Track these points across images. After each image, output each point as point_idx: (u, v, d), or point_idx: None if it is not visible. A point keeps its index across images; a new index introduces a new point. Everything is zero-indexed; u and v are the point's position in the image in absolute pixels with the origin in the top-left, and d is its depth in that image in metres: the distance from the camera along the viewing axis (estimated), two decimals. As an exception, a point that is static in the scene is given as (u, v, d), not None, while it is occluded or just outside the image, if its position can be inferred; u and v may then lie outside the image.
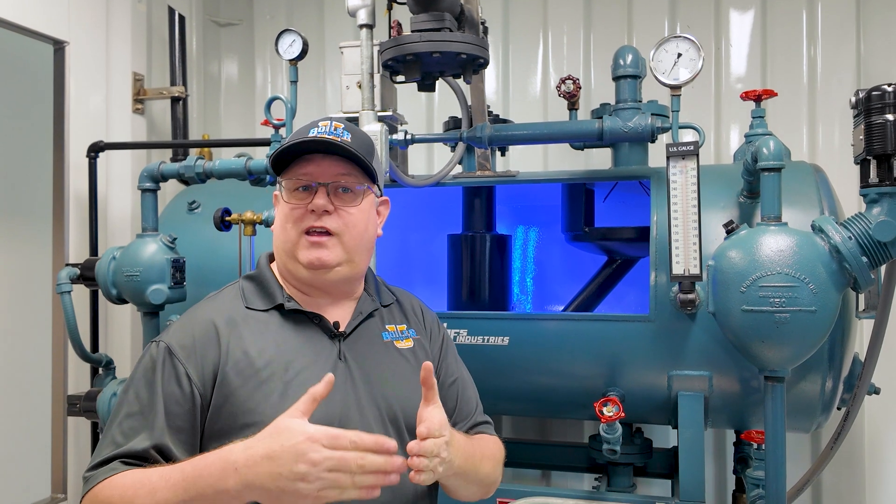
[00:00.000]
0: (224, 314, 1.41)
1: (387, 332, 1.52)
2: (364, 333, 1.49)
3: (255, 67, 3.75)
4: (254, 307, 1.43)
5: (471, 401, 1.61)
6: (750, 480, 2.09)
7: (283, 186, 1.44)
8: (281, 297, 1.44)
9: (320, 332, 1.44)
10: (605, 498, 2.15)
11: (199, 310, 1.44)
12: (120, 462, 1.26)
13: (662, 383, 2.14)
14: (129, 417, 1.31)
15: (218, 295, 1.49)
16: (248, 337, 1.38)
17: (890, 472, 2.85)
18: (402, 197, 2.97)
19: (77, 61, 2.86)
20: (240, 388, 1.32)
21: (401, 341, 1.53)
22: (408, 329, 1.56)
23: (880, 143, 1.65)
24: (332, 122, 1.44)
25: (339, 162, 1.42)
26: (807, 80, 2.98)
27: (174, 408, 1.30)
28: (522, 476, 3.12)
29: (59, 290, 2.46)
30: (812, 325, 1.70)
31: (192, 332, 1.38)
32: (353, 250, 1.43)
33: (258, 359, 1.35)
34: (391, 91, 2.26)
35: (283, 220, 1.43)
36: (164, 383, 1.31)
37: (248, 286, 1.48)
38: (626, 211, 2.81)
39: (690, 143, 1.96)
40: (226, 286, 1.51)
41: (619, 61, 2.36)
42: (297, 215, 1.41)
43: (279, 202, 1.47)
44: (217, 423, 1.32)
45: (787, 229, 1.75)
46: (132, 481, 1.22)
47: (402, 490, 1.35)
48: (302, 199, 1.41)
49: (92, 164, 2.81)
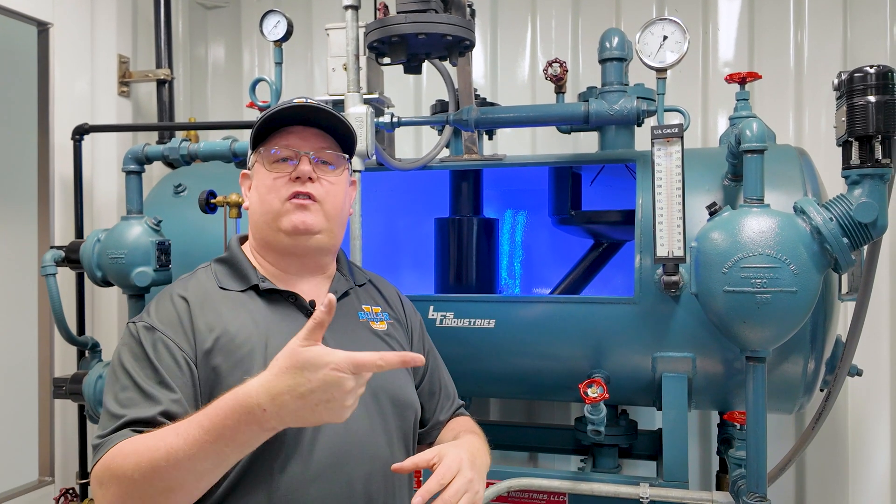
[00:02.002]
0: (199, 292, 1.41)
1: (363, 311, 1.53)
2: (340, 312, 1.45)
3: (241, 50, 3.72)
4: (228, 288, 1.43)
5: (449, 386, 1.65)
6: (732, 460, 2.11)
7: (263, 157, 1.44)
8: (255, 278, 1.44)
9: (296, 311, 1.44)
10: (590, 478, 2.17)
11: (173, 288, 1.44)
12: (131, 430, 1.24)
13: (647, 365, 2.15)
14: (123, 391, 1.29)
15: (190, 277, 1.48)
16: (226, 314, 1.38)
17: (873, 452, 2.89)
18: (390, 180, 2.97)
19: (61, 43, 2.84)
20: (221, 364, 1.32)
21: (376, 322, 1.53)
22: (383, 311, 1.57)
23: (862, 125, 1.66)
24: (308, 99, 1.46)
25: (319, 135, 1.46)
26: (793, 64, 2.99)
27: (176, 379, 1.29)
28: (510, 458, 3.14)
29: (43, 273, 2.45)
30: (793, 306, 1.71)
31: (174, 307, 1.37)
32: (333, 219, 1.46)
33: (237, 335, 1.35)
34: (377, 73, 2.25)
35: (264, 191, 1.43)
36: (155, 355, 1.31)
37: (220, 269, 1.48)
38: (612, 195, 2.82)
39: (675, 125, 1.97)
40: (198, 268, 1.51)
41: (606, 44, 2.36)
42: (280, 184, 1.41)
43: (257, 174, 1.47)
44: (203, 398, 1.31)
45: (769, 211, 1.76)
46: (144, 445, 1.18)
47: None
48: (284, 169, 1.42)
49: (77, 146, 2.79)
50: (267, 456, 1.28)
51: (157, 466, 1.15)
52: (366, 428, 1.38)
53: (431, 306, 2.29)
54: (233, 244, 1.53)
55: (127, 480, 1.17)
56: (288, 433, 1.28)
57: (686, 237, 1.94)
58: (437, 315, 2.29)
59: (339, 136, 1.49)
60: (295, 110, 1.43)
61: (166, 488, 1.16)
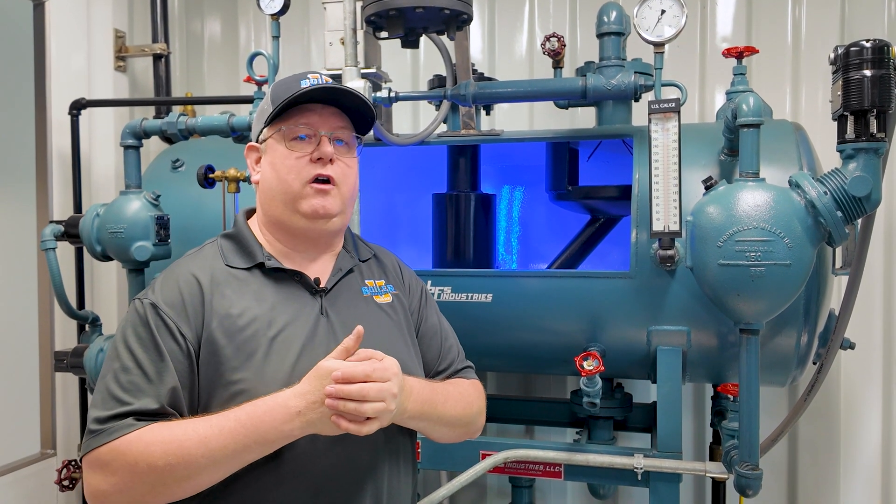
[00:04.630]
0: (207, 271, 1.41)
1: (366, 286, 1.55)
2: (344, 289, 1.50)
3: (238, 24, 3.70)
4: (234, 265, 1.44)
5: (452, 349, 1.66)
6: (725, 431, 2.14)
7: (282, 133, 1.43)
8: (261, 256, 1.44)
9: (301, 289, 1.45)
10: (586, 450, 2.20)
11: (181, 266, 1.44)
12: (133, 419, 1.27)
13: (642, 338, 2.18)
14: (125, 372, 1.30)
15: (199, 252, 1.48)
16: (230, 295, 1.38)
17: (864, 424, 2.93)
18: (387, 156, 2.98)
19: (57, 18, 2.83)
20: (225, 346, 1.33)
21: (380, 296, 1.55)
22: (386, 284, 1.58)
23: (857, 99, 1.67)
24: (322, 75, 1.47)
25: (336, 114, 1.46)
26: (791, 39, 2.99)
27: (178, 365, 1.31)
28: (506, 431, 3.18)
29: (43, 247, 2.46)
30: (787, 279, 1.73)
31: (179, 288, 1.37)
32: (348, 201, 1.48)
33: (241, 318, 1.36)
34: (375, 48, 2.25)
35: (284, 171, 1.42)
36: (161, 338, 1.31)
37: (227, 244, 1.48)
38: (609, 170, 2.82)
39: (672, 100, 1.97)
40: (205, 244, 1.51)
41: (603, 18, 2.36)
42: (301, 164, 1.41)
43: (272, 150, 1.45)
44: (203, 381, 1.33)
45: (764, 185, 1.78)
46: (172, 434, 1.24)
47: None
48: (303, 148, 1.42)
49: (74, 121, 2.79)
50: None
51: (189, 454, 1.23)
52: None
53: (429, 281, 2.31)
54: (240, 219, 1.53)
55: (147, 468, 1.23)
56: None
57: (682, 212, 1.96)
58: (434, 290, 2.31)
59: (353, 116, 1.49)
60: (320, 91, 1.42)
61: (186, 476, 1.24)
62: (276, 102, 1.42)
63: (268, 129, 1.46)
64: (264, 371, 1.33)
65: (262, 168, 1.49)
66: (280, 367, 1.34)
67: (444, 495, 2.19)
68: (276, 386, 1.30)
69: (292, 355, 1.36)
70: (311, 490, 1.34)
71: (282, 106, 1.41)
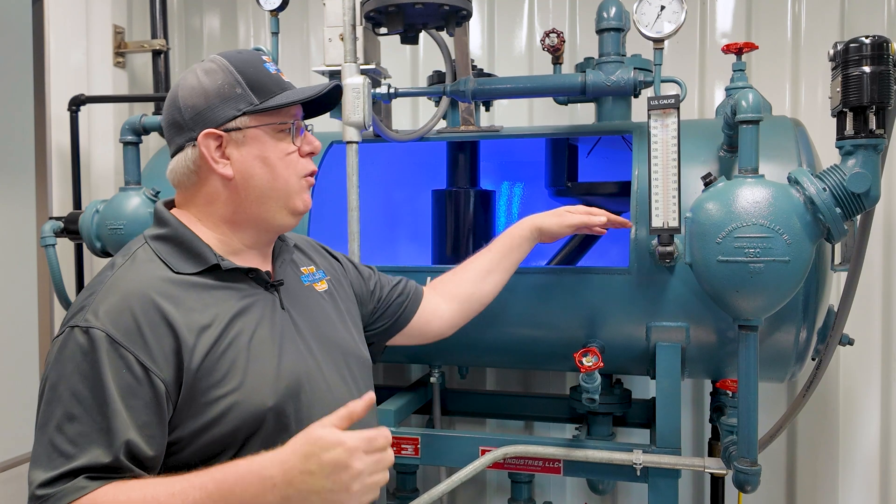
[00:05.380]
0: (156, 286, 1.24)
1: (303, 275, 1.51)
2: (289, 280, 1.45)
3: (237, 20, 3.69)
4: (183, 272, 1.29)
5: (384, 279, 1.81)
6: (724, 427, 2.15)
7: (270, 126, 1.33)
8: (213, 257, 1.31)
9: (254, 286, 1.36)
10: (585, 445, 2.20)
11: (123, 282, 1.24)
12: (84, 478, 1.10)
13: (641, 334, 2.18)
14: (71, 421, 1.13)
15: (133, 263, 1.29)
16: (195, 307, 1.25)
17: (863, 420, 2.94)
18: (386, 152, 2.97)
19: (56, 14, 2.83)
20: (206, 362, 1.22)
21: (318, 284, 1.52)
22: (318, 270, 1.55)
23: (856, 95, 1.67)
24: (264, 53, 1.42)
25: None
26: (790, 35, 2.99)
27: (133, 401, 1.15)
28: (506, 427, 3.19)
29: (43, 244, 2.47)
30: (785, 275, 1.73)
31: (133, 312, 1.19)
32: None
33: (213, 328, 1.25)
34: (374, 44, 2.24)
35: (282, 166, 1.34)
36: (113, 376, 1.14)
37: (165, 248, 1.31)
38: (609, 166, 2.82)
39: (671, 96, 1.97)
40: (134, 249, 1.33)
41: (603, 14, 2.36)
42: (296, 158, 1.36)
43: (256, 142, 1.32)
44: (191, 405, 1.21)
45: (763, 181, 1.78)
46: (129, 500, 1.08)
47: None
48: (293, 141, 1.36)
49: (73, 117, 2.79)
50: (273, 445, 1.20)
51: None
52: (345, 392, 1.40)
53: (429, 277, 2.31)
54: (168, 217, 1.35)
55: None
56: (289, 419, 1.28)
57: (681, 208, 1.96)
58: (434, 285, 2.31)
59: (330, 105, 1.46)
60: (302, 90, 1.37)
61: None
62: (255, 87, 1.32)
63: (250, 118, 1.32)
64: (249, 380, 1.25)
65: (240, 162, 1.32)
66: (265, 371, 1.27)
67: (443, 491, 2.19)
68: (265, 392, 1.25)
69: (273, 356, 1.30)
70: None
71: (269, 98, 1.32)
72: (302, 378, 1.33)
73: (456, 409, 2.92)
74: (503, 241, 2.00)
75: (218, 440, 1.23)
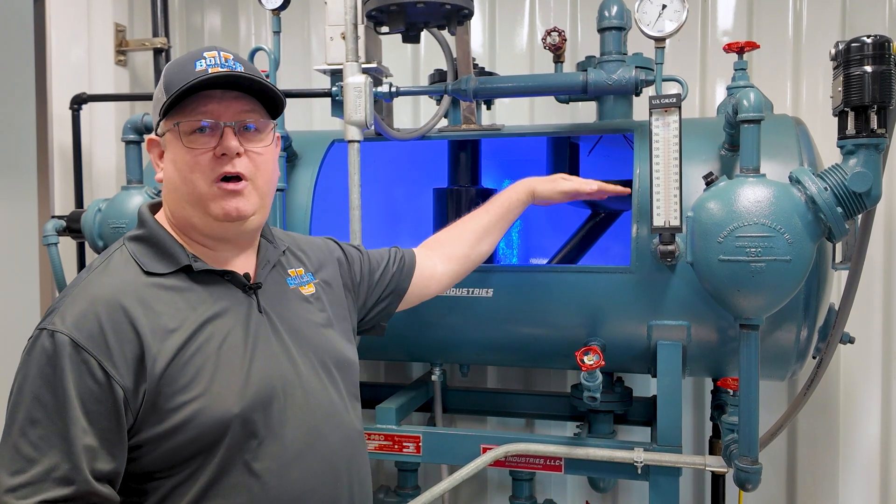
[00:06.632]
0: (126, 288, 1.23)
1: (290, 277, 1.48)
2: (272, 282, 1.42)
3: (238, 19, 3.69)
4: (155, 272, 1.27)
5: (382, 253, 1.81)
6: (725, 425, 2.14)
7: (179, 129, 1.27)
8: (185, 258, 1.30)
9: (232, 288, 1.34)
10: (586, 443, 2.21)
11: (92, 286, 1.24)
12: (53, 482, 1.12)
13: (642, 333, 2.18)
14: (33, 425, 1.13)
15: (107, 266, 1.29)
16: (163, 310, 1.23)
17: (863, 418, 2.94)
18: (388, 151, 2.98)
19: (58, 12, 2.83)
20: (171, 368, 1.20)
21: (304, 287, 1.49)
22: (306, 273, 1.52)
23: (858, 95, 1.67)
24: (220, 52, 1.30)
25: (240, 97, 1.30)
26: (792, 34, 2.98)
27: (94, 406, 1.15)
28: (507, 424, 3.19)
29: (45, 242, 2.47)
30: (787, 275, 1.74)
31: (98, 318, 1.18)
32: (266, 195, 1.35)
33: (180, 332, 1.23)
34: (376, 43, 2.24)
35: (186, 169, 1.27)
36: (74, 381, 1.14)
37: (140, 248, 1.31)
38: (610, 165, 2.83)
39: (673, 95, 1.97)
40: (112, 251, 1.33)
41: (604, 13, 2.36)
42: (204, 162, 1.26)
43: (172, 146, 1.29)
44: (154, 410, 1.19)
45: (764, 181, 1.78)
46: None
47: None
48: (205, 142, 1.27)
49: (75, 116, 2.80)
50: (240, 452, 1.24)
51: None
52: (325, 398, 1.38)
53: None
54: (147, 217, 1.34)
55: None
56: (257, 426, 1.26)
57: (683, 207, 1.96)
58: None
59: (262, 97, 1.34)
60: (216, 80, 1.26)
61: None
62: (170, 90, 1.25)
63: (164, 122, 1.29)
64: (215, 385, 1.23)
65: (165, 166, 1.32)
66: (232, 377, 1.25)
67: (445, 489, 2.20)
68: (230, 399, 1.23)
69: (244, 361, 1.27)
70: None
71: (175, 96, 1.24)
72: (276, 384, 1.30)
73: (457, 407, 2.93)
74: (500, 202, 2.02)
75: (182, 446, 1.21)
